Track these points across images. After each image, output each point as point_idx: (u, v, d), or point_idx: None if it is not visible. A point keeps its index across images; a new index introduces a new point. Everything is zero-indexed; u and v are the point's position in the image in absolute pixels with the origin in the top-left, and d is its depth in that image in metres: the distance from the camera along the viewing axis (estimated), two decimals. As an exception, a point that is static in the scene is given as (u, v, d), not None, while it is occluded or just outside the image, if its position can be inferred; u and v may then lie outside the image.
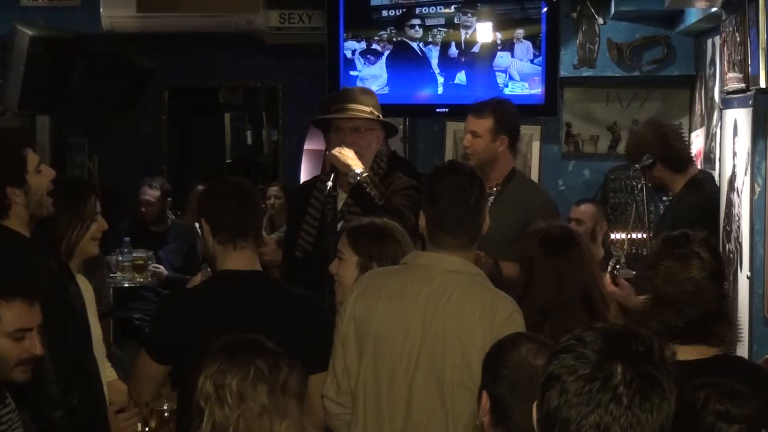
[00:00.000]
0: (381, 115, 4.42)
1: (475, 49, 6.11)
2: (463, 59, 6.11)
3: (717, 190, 4.84)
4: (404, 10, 6.06)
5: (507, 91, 5.98)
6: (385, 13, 6.09)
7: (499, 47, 6.00)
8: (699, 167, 5.34)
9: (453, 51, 6.09)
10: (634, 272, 4.91)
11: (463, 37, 6.07)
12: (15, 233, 3.24)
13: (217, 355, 2.56)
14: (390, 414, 2.98)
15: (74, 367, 3.26)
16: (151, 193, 6.78)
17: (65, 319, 3.23)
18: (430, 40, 6.07)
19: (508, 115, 4.68)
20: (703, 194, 4.72)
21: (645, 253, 5.15)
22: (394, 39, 6.03)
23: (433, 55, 6.07)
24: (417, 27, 6.07)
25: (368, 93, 4.54)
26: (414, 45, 6.05)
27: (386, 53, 6.02)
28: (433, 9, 6.13)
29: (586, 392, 1.56)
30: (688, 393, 2.45)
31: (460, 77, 6.09)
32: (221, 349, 2.58)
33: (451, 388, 2.91)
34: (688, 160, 4.91)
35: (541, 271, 3.31)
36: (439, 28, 6.11)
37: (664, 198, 5.42)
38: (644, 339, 1.63)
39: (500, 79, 6.01)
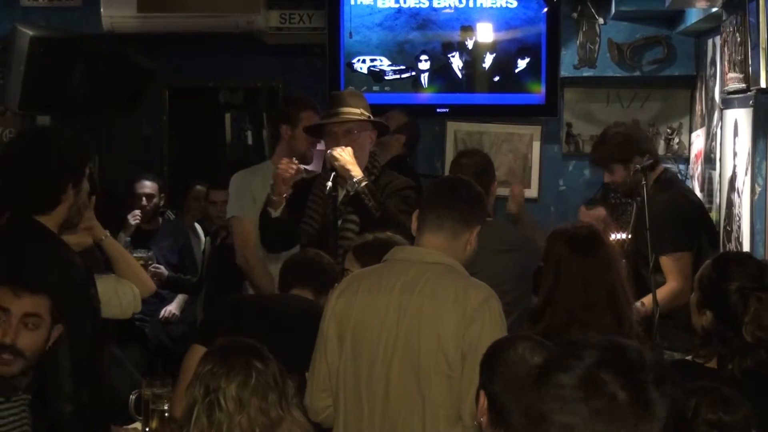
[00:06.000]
0: (371, 116, 4.46)
1: (476, 49, 6.13)
2: (464, 60, 6.13)
3: (684, 186, 4.87)
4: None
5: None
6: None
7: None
8: (700, 167, 5.35)
9: (455, 51, 6.11)
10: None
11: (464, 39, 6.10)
12: (50, 231, 3.27)
13: (212, 357, 2.57)
14: (369, 403, 3.00)
15: (87, 365, 3.29)
16: (150, 186, 6.73)
17: (85, 318, 3.27)
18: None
19: None
20: (672, 192, 4.69)
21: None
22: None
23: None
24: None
25: (356, 95, 4.58)
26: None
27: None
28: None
29: (597, 419, 1.60)
30: (679, 399, 2.46)
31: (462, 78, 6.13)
32: (215, 352, 2.59)
33: (427, 374, 2.93)
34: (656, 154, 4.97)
35: (569, 271, 3.31)
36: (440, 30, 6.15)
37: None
38: (633, 352, 1.66)
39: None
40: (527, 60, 6.14)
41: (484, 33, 6.14)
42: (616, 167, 4.72)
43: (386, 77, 6.20)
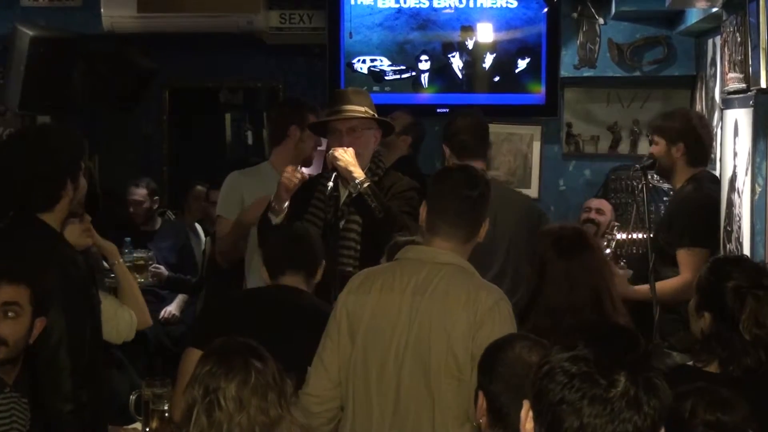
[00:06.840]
0: (376, 114, 4.43)
1: (476, 49, 6.13)
2: (464, 60, 6.13)
3: (717, 188, 4.83)
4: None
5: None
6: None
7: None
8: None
9: (454, 51, 6.11)
10: (631, 271, 4.92)
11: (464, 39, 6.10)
12: (53, 229, 3.29)
13: (210, 358, 2.57)
14: (379, 403, 2.99)
15: (87, 364, 3.28)
16: (139, 192, 6.75)
17: (85, 317, 3.27)
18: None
19: None
20: (702, 190, 4.71)
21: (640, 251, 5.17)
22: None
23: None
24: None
25: (361, 93, 4.55)
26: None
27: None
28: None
29: (607, 413, 1.60)
30: (673, 401, 2.46)
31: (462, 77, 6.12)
32: (214, 353, 2.58)
33: (437, 375, 2.93)
34: (706, 158, 4.92)
35: (553, 274, 3.28)
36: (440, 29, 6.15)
37: (666, 198, 5.41)
38: (629, 339, 1.67)
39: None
40: (527, 60, 6.15)
41: (484, 33, 6.14)
42: (659, 140, 4.73)
43: (386, 77, 6.21)
